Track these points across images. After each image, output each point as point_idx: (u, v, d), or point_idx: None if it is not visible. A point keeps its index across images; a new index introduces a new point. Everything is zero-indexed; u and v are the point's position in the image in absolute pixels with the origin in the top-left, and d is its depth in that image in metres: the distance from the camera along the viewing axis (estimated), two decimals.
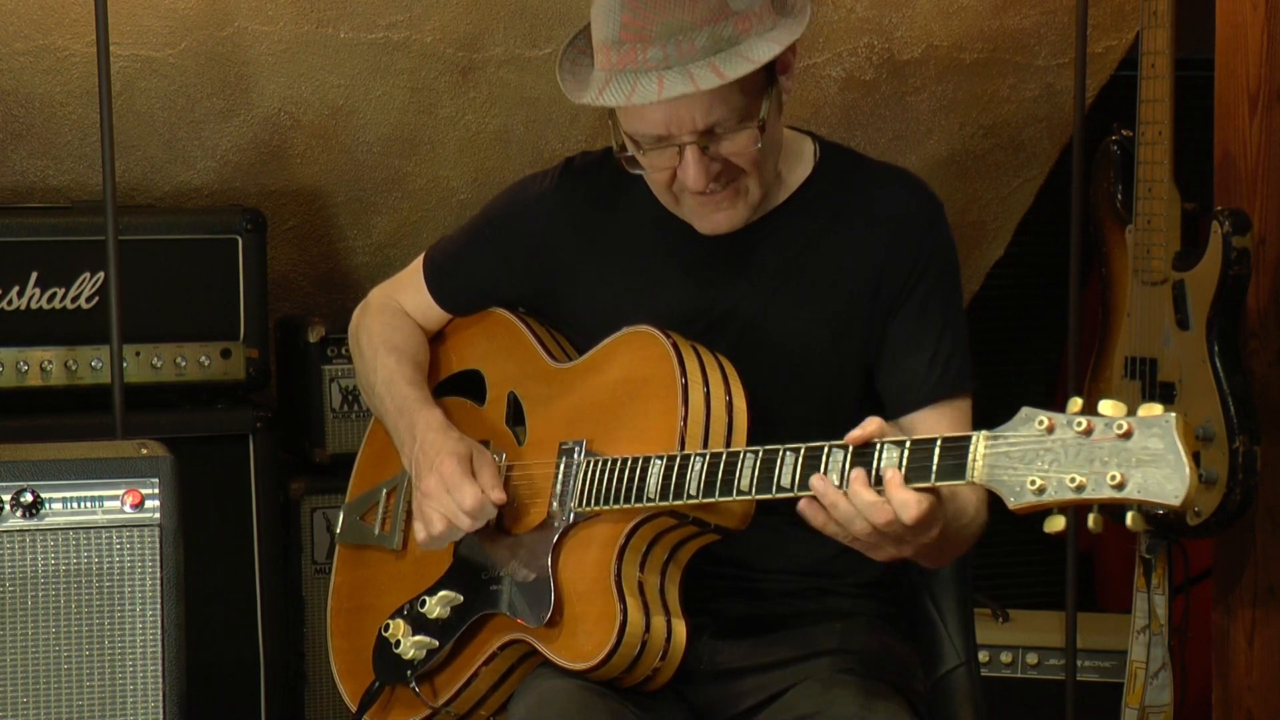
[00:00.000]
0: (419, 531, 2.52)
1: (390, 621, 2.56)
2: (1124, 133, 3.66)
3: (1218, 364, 3.50)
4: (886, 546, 2.16)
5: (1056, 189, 4.38)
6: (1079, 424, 1.93)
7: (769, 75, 2.38)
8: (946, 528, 2.21)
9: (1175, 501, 1.87)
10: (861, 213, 2.50)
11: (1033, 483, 1.95)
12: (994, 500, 2.03)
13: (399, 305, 2.75)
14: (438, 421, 2.56)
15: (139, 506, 2.67)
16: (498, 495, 2.47)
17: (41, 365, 3.55)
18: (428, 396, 2.63)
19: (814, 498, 2.15)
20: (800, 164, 2.53)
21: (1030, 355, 4.74)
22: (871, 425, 2.14)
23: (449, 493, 2.47)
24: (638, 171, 2.43)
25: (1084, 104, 3.74)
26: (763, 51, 2.33)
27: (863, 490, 2.11)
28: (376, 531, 2.68)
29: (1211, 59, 3.72)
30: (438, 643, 2.51)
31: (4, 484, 2.64)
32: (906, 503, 2.08)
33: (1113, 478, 1.90)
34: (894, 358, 2.47)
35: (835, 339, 2.48)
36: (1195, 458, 3.50)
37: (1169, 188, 3.55)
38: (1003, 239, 4.60)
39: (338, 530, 2.77)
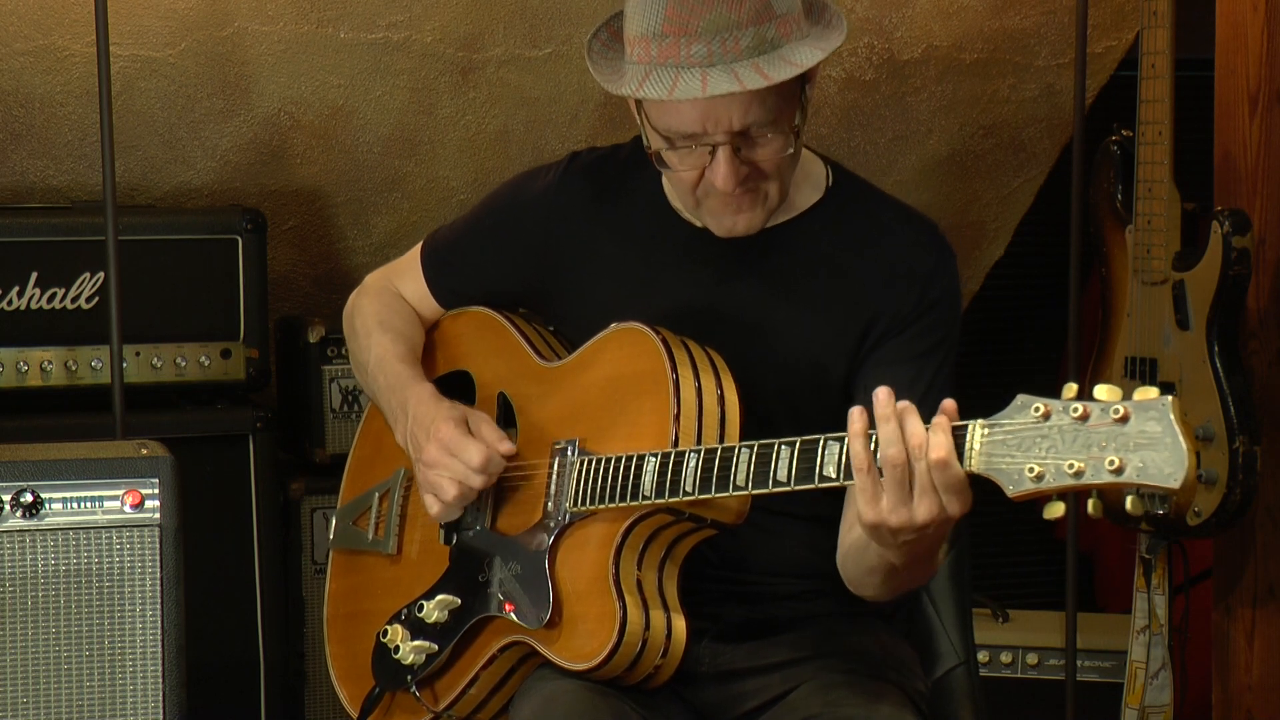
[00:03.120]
0: (431, 505, 2.50)
1: (388, 627, 2.55)
2: (1124, 133, 3.66)
3: (1218, 364, 3.50)
4: (914, 504, 2.07)
5: (1056, 189, 4.38)
6: (1075, 409, 1.93)
7: (801, 84, 2.37)
8: (932, 543, 2.19)
9: (1174, 484, 1.87)
10: (867, 249, 2.48)
11: (1031, 470, 1.94)
12: (992, 490, 2.02)
13: (396, 290, 2.74)
14: (428, 394, 2.55)
15: (139, 506, 2.67)
16: (506, 447, 2.46)
17: (41, 365, 3.55)
18: (420, 373, 2.61)
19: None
20: (810, 184, 2.51)
21: (1030, 355, 4.75)
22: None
23: (454, 455, 2.45)
24: (666, 170, 2.43)
25: (1084, 104, 3.74)
26: (806, 56, 2.32)
27: (913, 417, 2.06)
28: (370, 537, 2.67)
29: (1211, 59, 3.72)
30: (437, 647, 2.50)
31: (4, 484, 2.63)
32: (939, 443, 2.03)
33: (1111, 462, 1.89)
34: (871, 384, 2.42)
35: (823, 360, 2.46)
36: (1195, 457, 3.52)
37: (1169, 188, 3.55)
38: (1003, 239, 4.60)
39: (330, 536, 2.76)
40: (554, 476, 2.44)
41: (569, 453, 2.43)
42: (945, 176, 4.36)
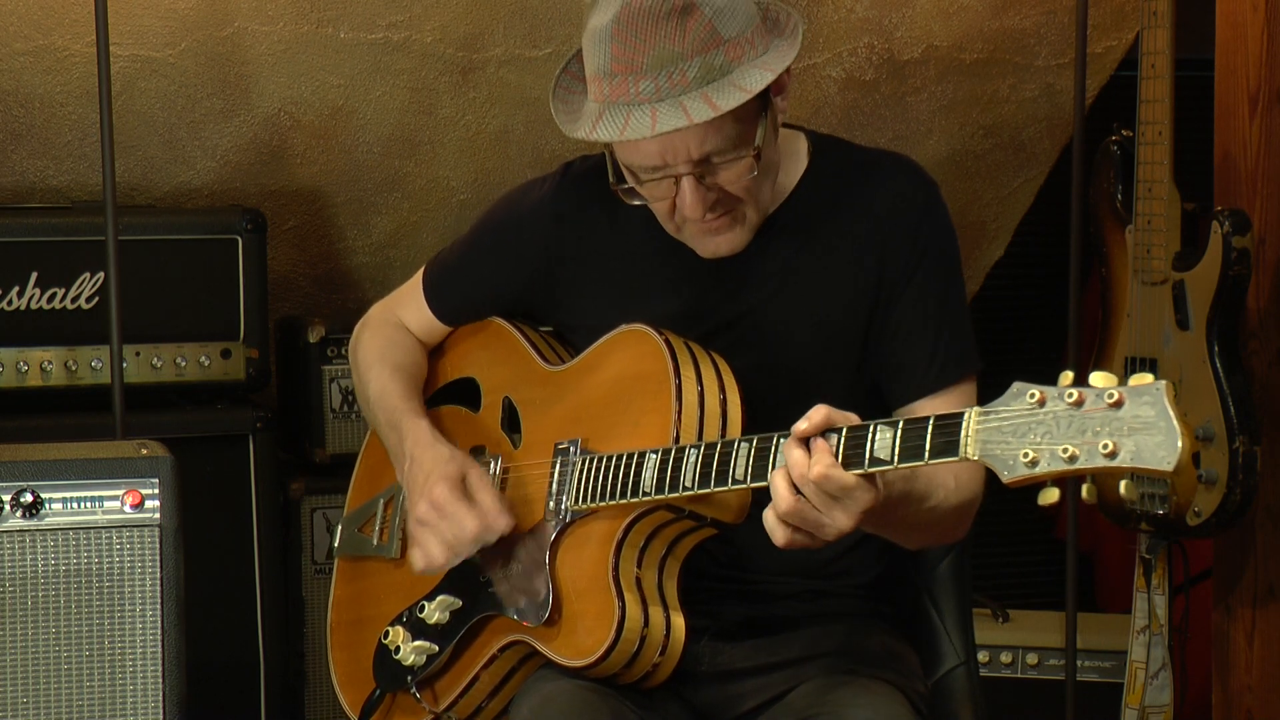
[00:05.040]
0: (417, 560, 2.50)
1: (390, 628, 2.56)
2: (1124, 133, 3.66)
3: (1218, 364, 3.50)
4: (821, 513, 2.13)
5: (1056, 189, 4.38)
6: (1070, 395, 1.93)
7: (763, 99, 2.36)
8: (904, 509, 2.20)
9: (1168, 467, 1.87)
10: (856, 207, 2.49)
11: (1025, 455, 1.95)
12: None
13: (398, 320, 2.75)
14: (425, 436, 2.55)
15: (139, 506, 2.67)
16: (504, 523, 2.45)
17: (41, 365, 3.55)
18: (417, 408, 2.62)
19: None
20: (794, 163, 2.52)
21: (1030, 355, 4.75)
22: (818, 415, 2.12)
23: (447, 520, 2.46)
24: (637, 203, 2.43)
25: (1084, 104, 3.74)
26: (755, 80, 2.31)
27: (794, 447, 2.11)
28: (375, 542, 2.68)
29: (1211, 59, 3.72)
30: (437, 647, 2.51)
31: (4, 484, 2.64)
32: (821, 463, 2.08)
33: (1105, 446, 1.90)
34: (895, 347, 2.46)
35: (833, 345, 2.47)
36: (1195, 458, 3.52)
37: (1169, 188, 3.55)
38: (1003, 239, 4.60)
39: (335, 544, 2.77)
40: (556, 476, 2.44)
41: (571, 452, 2.44)
42: (945, 176, 4.35)
